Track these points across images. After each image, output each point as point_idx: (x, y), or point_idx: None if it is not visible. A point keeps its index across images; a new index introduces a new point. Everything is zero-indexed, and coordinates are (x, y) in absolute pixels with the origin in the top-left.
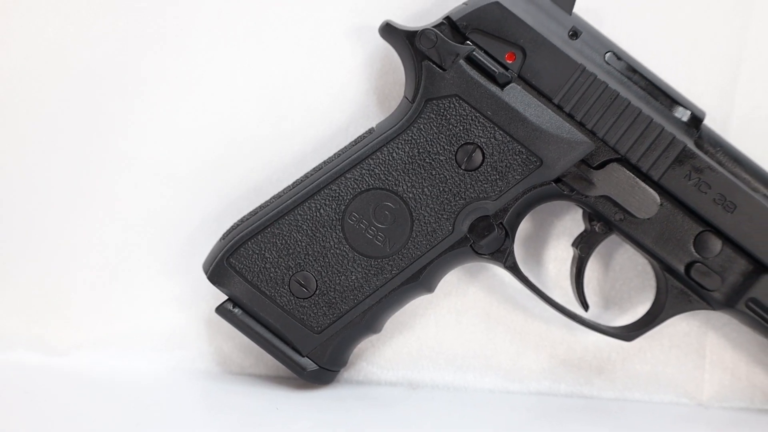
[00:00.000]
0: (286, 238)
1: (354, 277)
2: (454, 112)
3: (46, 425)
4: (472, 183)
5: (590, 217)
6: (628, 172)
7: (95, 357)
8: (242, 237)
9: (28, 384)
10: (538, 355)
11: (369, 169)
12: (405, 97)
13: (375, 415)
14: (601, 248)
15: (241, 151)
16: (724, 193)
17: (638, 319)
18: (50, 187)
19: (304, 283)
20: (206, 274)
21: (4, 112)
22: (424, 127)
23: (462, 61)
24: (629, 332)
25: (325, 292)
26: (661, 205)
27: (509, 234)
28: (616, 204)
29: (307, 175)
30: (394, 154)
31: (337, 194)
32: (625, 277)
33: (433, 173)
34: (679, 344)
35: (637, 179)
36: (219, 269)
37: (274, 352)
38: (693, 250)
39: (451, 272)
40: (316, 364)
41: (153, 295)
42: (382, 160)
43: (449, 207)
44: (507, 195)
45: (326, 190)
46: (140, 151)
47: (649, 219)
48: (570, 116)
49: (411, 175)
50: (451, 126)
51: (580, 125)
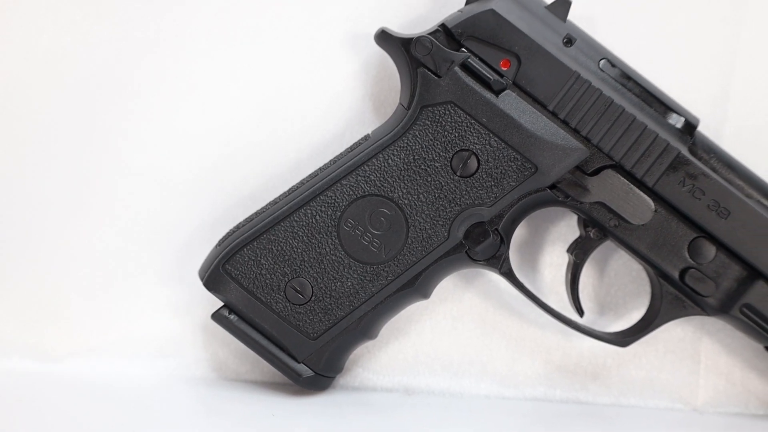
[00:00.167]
0: (282, 244)
1: (350, 284)
2: (450, 119)
3: None
4: (468, 189)
5: (585, 223)
6: (623, 179)
7: (91, 364)
8: (238, 243)
9: (24, 391)
10: (534, 361)
11: (364, 176)
12: (400, 103)
13: (371, 421)
14: (596, 254)
15: (237, 158)
16: (717, 200)
17: (633, 324)
18: (46, 194)
19: (300, 289)
20: (202, 280)
21: (0, 118)
22: (419, 134)
23: (457, 68)
24: (624, 338)
25: (321, 299)
26: (656, 211)
27: (504, 240)
28: (611, 210)
29: (302, 182)
30: (390, 161)
31: (333, 201)
32: (620, 283)
33: (429, 180)
34: (674, 350)
35: (632, 185)
36: (215, 276)
37: (270, 358)
38: (687, 256)
39: (446, 278)
40: (311, 371)
41: (148, 302)
42: (377, 167)
43: (445, 213)
44: (502, 201)
45: (322, 197)
46: (136, 157)
47: (643, 225)
48: (565, 123)
49: (406, 182)
50: (446, 133)
51: (575, 132)
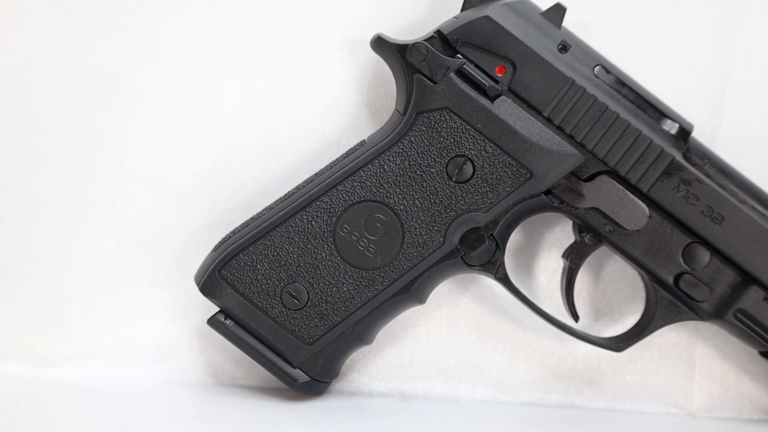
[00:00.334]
0: (278, 249)
1: (345, 289)
2: (445, 125)
3: None
4: (463, 195)
5: (580, 228)
6: (618, 185)
7: (87, 368)
8: (234, 249)
9: (20, 395)
10: (529, 366)
11: (360, 181)
12: (396, 109)
13: (367, 426)
14: (591, 259)
15: (233, 163)
16: (712, 205)
17: (628, 329)
18: (43, 198)
19: (296, 294)
20: (198, 285)
21: None
22: (415, 140)
23: (453, 75)
24: (619, 343)
25: (317, 304)
26: (650, 216)
27: (500, 245)
28: (606, 216)
29: (298, 187)
30: (386, 167)
31: (329, 206)
32: (615, 288)
33: (424, 185)
34: (669, 355)
35: (626, 191)
36: (211, 281)
37: (266, 363)
38: (682, 262)
39: (442, 283)
40: (307, 376)
41: (145, 307)
42: (373, 173)
43: (440, 219)
44: (497, 207)
45: (318, 202)
46: (133, 161)
47: (638, 231)
48: (560, 129)
49: (402, 187)
50: (442, 138)
51: (570, 138)
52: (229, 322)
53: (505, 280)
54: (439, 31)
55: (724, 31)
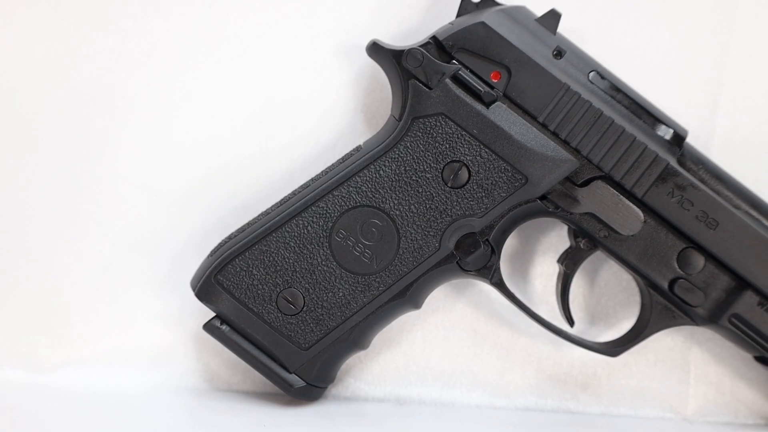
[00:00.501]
0: (274, 255)
1: (341, 294)
2: (441, 131)
3: None
4: (459, 200)
5: (575, 233)
6: (612, 190)
7: (82, 374)
8: (230, 254)
9: (15, 401)
10: (525, 371)
11: (356, 187)
12: (392, 115)
13: (363, 431)
14: (586, 264)
15: (229, 168)
16: (706, 210)
17: (623, 334)
18: (38, 205)
19: (292, 299)
20: (194, 291)
21: None
22: (410, 145)
23: (448, 80)
24: (614, 348)
25: (313, 309)
26: (645, 222)
27: (495, 250)
28: (601, 221)
29: (294, 193)
30: (381, 172)
31: (325, 211)
32: (610, 293)
33: (420, 191)
34: (664, 359)
35: (621, 196)
36: (207, 286)
37: (262, 368)
38: (676, 267)
39: (437, 288)
40: (303, 381)
41: (140, 312)
42: (369, 178)
43: (436, 224)
44: (493, 212)
45: (314, 208)
46: (128, 168)
47: (633, 236)
48: (554, 134)
49: (398, 193)
50: (437, 144)
51: (565, 143)
52: (225, 328)
53: (500, 285)
54: (434, 37)
55: (718, 37)
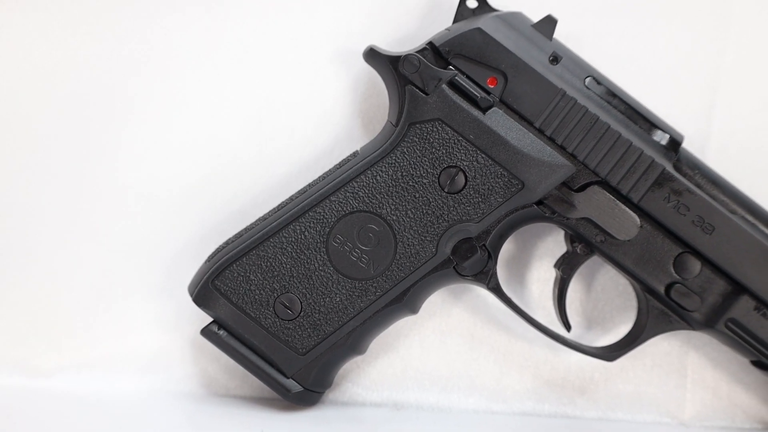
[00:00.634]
0: (271, 260)
1: (338, 299)
2: (437, 136)
3: None
4: (455, 205)
5: (572, 238)
6: (609, 195)
7: (80, 379)
8: (227, 259)
9: (13, 407)
10: (522, 376)
11: (353, 192)
12: (389, 120)
13: None
14: (582, 269)
15: (226, 174)
16: (702, 215)
17: (620, 339)
18: (36, 210)
19: (289, 304)
20: (191, 296)
21: None
22: (407, 151)
23: (444, 86)
24: (611, 352)
25: (310, 314)
26: (641, 227)
27: (492, 255)
28: (597, 226)
29: (291, 198)
30: (378, 177)
31: (322, 217)
32: (607, 298)
33: (417, 196)
34: (661, 364)
35: (618, 201)
36: (204, 291)
37: (259, 373)
38: (673, 271)
39: (434, 293)
40: (300, 386)
41: (138, 317)
42: (366, 183)
43: (432, 229)
44: (489, 217)
45: (311, 213)
46: (126, 173)
47: (629, 240)
48: (551, 140)
49: (395, 198)
50: (434, 149)
51: (561, 148)
52: (222, 333)
53: (497, 290)
54: (431, 43)
55: (714, 43)
